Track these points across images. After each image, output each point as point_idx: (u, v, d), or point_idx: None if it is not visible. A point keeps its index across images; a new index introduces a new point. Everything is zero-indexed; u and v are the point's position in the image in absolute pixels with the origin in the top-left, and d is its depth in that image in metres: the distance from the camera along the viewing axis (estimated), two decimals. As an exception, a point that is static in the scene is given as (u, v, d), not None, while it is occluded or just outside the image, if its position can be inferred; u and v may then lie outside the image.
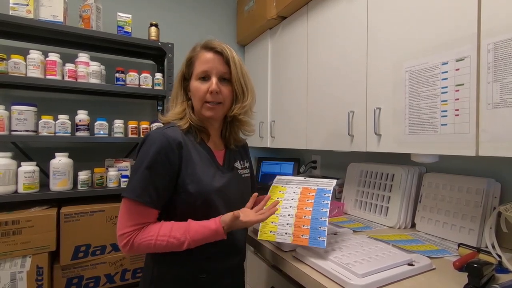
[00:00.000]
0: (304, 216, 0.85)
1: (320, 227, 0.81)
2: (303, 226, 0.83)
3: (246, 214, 0.79)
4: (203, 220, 0.77)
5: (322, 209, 0.85)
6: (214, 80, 0.81)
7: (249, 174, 0.97)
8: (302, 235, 0.81)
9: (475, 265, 0.69)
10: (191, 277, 0.81)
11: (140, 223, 0.74)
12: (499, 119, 0.74)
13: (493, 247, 0.84)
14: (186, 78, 0.88)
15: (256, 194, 0.88)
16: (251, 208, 0.85)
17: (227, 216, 0.76)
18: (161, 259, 0.80)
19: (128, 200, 0.74)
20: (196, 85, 0.82)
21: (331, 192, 0.89)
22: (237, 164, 0.92)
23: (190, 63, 0.86)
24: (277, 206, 0.85)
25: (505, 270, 0.78)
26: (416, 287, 0.70)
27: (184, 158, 0.78)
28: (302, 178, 0.99)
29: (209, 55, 0.82)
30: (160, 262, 0.81)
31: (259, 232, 0.88)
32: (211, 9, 2.22)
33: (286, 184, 0.98)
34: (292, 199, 0.91)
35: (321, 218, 0.83)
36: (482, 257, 0.83)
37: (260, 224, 0.88)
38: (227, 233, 0.77)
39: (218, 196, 0.81)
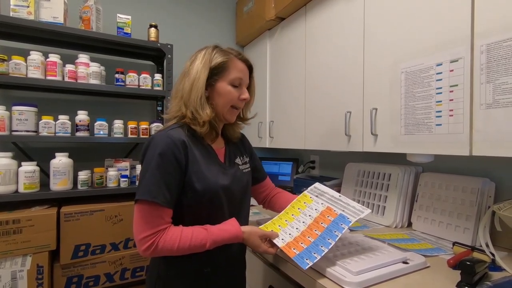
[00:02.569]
0: (308, 237, 0.83)
1: (314, 253, 0.76)
2: (301, 243, 0.81)
3: (253, 241, 0.84)
4: (221, 224, 0.82)
5: (328, 239, 0.79)
6: (245, 89, 0.91)
7: (249, 169, 1.00)
8: (294, 249, 0.80)
9: (467, 262, 0.70)
10: (195, 271, 0.84)
11: (160, 224, 0.74)
12: (492, 120, 0.76)
13: (487, 245, 0.85)
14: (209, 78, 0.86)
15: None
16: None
17: (246, 227, 0.84)
18: (167, 256, 0.82)
19: (143, 202, 0.74)
20: (229, 89, 0.87)
21: (349, 224, 0.81)
22: (238, 160, 0.96)
23: (224, 66, 0.86)
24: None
25: (498, 268, 0.80)
26: (410, 285, 0.72)
27: (190, 157, 0.81)
28: (337, 195, 0.94)
29: (242, 66, 0.89)
30: (165, 259, 0.83)
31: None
32: (211, 10, 2.23)
33: (317, 196, 0.97)
34: (309, 216, 0.90)
35: (321, 246, 0.78)
36: (476, 255, 0.84)
37: (269, 221, 0.92)
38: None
39: (223, 193, 0.85)
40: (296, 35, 1.60)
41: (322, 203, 0.93)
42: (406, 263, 0.79)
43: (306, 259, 0.75)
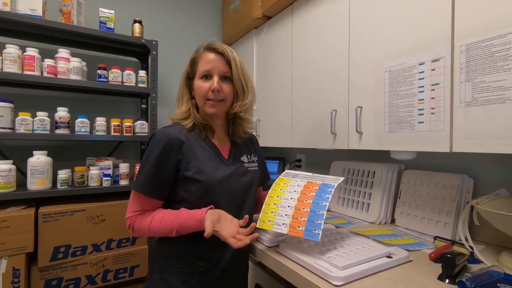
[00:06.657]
0: (303, 209, 0.85)
1: (317, 220, 0.81)
2: (301, 218, 0.83)
3: (225, 227, 0.78)
4: (193, 210, 0.82)
5: (321, 203, 0.84)
6: (215, 79, 0.86)
7: (257, 168, 0.99)
8: (298, 227, 0.82)
9: (448, 255, 0.72)
10: (190, 264, 0.84)
11: (140, 210, 0.82)
12: (471, 117, 0.78)
13: (466, 239, 0.88)
14: (190, 78, 0.93)
15: (247, 216, 0.82)
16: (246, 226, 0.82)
17: (215, 215, 0.79)
18: (167, 244, 0.85)
19: (134, 191, 0.83)
20: (199, 83, 0.87)
21: (334, 188, 0.88)
22: (244, 158, 0.96)
23: (193, 63, 0.91)
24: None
25: (477, 261, 0.82)
26: (394, 278, 0.73)
27: (186, 154, 0.83)
28: (310, 174, 0.99)
29: (211, 56, 0.87)
30: (165, 247, 0.86)
31: (258, 221, 0.88)
32: (197, 7, 2.21)
33: (293, 177, 0.99)
34: (294, 191, 0.92)
35: (319, 211, 0.82)
36: (456, 248, 0.87)
37: (261, 213, 0.91)
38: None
39: (220, 187, 0.85)
40: (283, 34, 1.61)
41: (301, 180, 0.96)
42: (390, 257, 0.81)
43: (314, 230, 0.79)
